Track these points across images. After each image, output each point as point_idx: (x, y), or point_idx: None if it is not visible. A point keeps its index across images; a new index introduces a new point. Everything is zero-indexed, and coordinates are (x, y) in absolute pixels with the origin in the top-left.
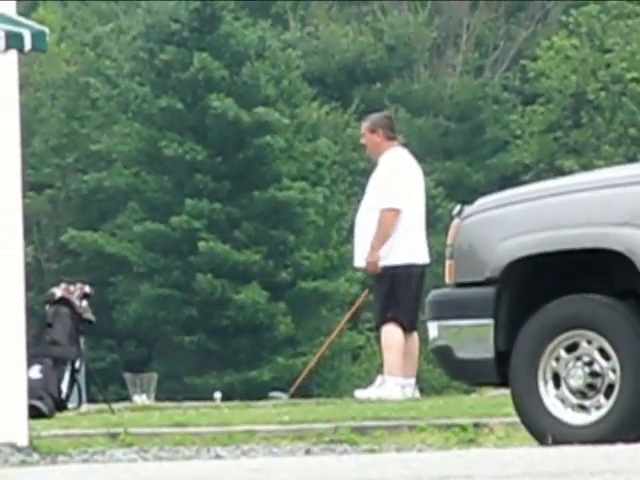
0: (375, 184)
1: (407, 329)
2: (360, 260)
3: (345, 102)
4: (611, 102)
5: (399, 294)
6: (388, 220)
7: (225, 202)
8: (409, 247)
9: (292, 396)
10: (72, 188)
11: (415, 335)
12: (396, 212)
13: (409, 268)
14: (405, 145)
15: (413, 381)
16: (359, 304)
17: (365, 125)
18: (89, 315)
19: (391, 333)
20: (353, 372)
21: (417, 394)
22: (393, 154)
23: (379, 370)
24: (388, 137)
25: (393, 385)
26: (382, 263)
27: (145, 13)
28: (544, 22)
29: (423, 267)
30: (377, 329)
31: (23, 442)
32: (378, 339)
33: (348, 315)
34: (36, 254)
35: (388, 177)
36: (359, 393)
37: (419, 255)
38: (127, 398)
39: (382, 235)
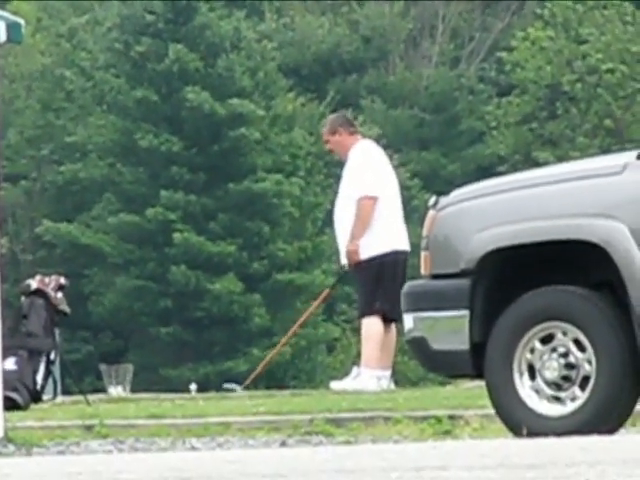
0: (348, 176)
1: (390, 320)
2: (345, 258)
3: (321, 94)
4: (586, 93)
5: (386, 283)
6: (366, 208)
7: (200, 194)
8: (391, 234)
9: (246, 388)
10: (47, 179)
11: (393, 327)
12: (373, 199)
13: (395, 254)
14: (380, 136)
15: (389, 373)
16: (319, 302)
17: (325, 130)
18: (64, 307)
19: (372, 325)
20: (329, 363)
21: (392, 386)
22: (360, 147)
23: (355, 362)
24: (350, 133)
25: (369, 377)
26: (367, 254)
27: (120, 4)
28: (520, 13)
29: (405, 254)
30: (359, 320)
31: None
32: (358, 330)
33: (307, 313)
34: (11, 246)
35: (360, 167)
36: (335, 384)
37: (401, 242)
38: (103, 390)
39: (361, 223)
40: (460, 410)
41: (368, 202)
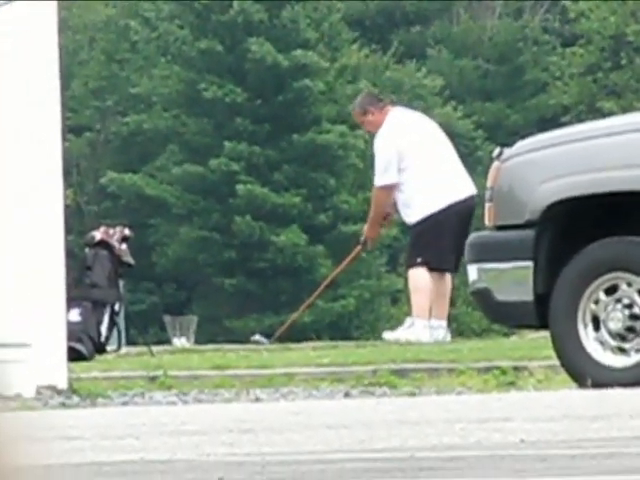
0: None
1: (438, 271)
2: (404, 215)
3: (385, 45)
4: None
5: (429, 239)
6: (378, 198)
7: (264, 145)
8: (443, 189)
9: (274, 342)
10: (112, 131)
11: (448, 277)
12: (386, 188)
13: (453, 207)
14: (443, 87)
15: (444, 323)
16: (350, 258)
17: (356, 113)
18: (128, 258)
19: (418, 276)
20: (392, 314)
21: (448, 337)
22: (387, 122)
23: (408, 312)
24: (380, 108)
25: (422, 327)
26: (421, 215)
27: None
28: None
29: (467, 201)
30: (405, 272)
31: (63, 385)
32: (406, 282)
33: (338, 269)
34: (76, 197)
35: (378, 153)
36: (387, 334)
37: (460, 190)
38: (167, 341)
39: (375, 213)
40: (524, 361)
41: (380, 192)
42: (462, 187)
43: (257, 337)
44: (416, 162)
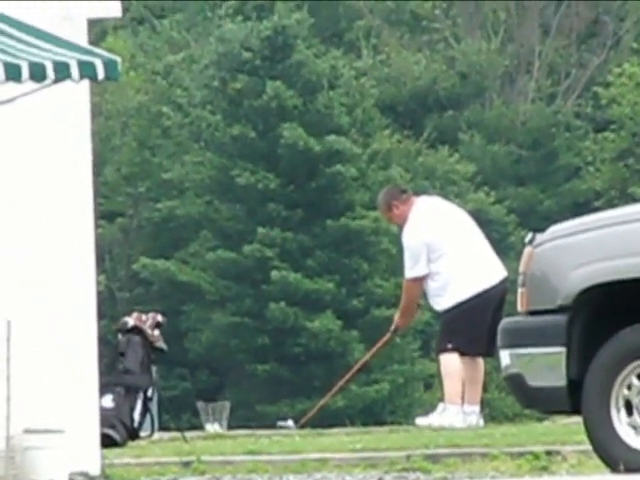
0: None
1: (470, 356)
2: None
3: (417, 130)
4: None
5: (459, 324)
6: (409, 289)
7: (297, 230)
8: (475, 275)
9: (302, 427)
10: (144, 217)
11: (480, 362)
12: (417, 280)
13: (485, 293)
14: (476, 173)
15: (477, 408)
16: (381, 344)
17: (382, 209)
18: (161, 344)
19: (449, 361)
20: (425, 400)
21: (481, 422)
22: (412, 214)
23: (441, 398)
24: (404, 201)
25: (455, 413)
26: (453, 301)
27: (217, 42)
28: (616, 49)
29: (499, 286)
30: (436, 357)
31: (96, 471)
32: (438, 367)
33: (368, 355)
34: (108, 283)
35: (407, 246)
36: (420, 420)
37: (491, 276)
38: (200, 426)
39: (405, 303)
40: (557, 446)
41: (409, 284)
42: (493, 272)
43: (287, 422)
44: (446, 251)
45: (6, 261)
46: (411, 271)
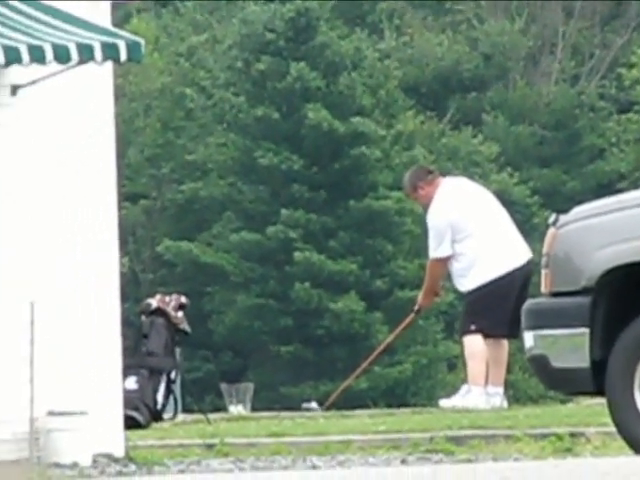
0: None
1: (494, 337)
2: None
3: (440, 111)
4: None
5: (483, 306)
6: (433, 269)
7: (321, 212)
8: (500, 256)
9: (326, 409)
10: (168, 198)
11: (504, 343)
12: (441, 261)
13: (510, 274)
14: (499, 154)
15: (501, 390)
16: (404, 326)
17: (407, 190)
18: (185, 326)
19: (473, 342)
20: (448, 381)
21: (505, 404)
22: (438, 195)
23: (464, 379)
24: (429, 182)
25: (478, 394)
26: (477, 282)
27: (240, 23)
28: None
29: (524, 267)
30: (460, 339)
31: (120, 452)
32: (462, 349)
33: (391, 336)
34: (132, 265)
35: (431, 226)
36: (443, 402)
37: (516, 257)
38: (223, 408)
39: (429, 284)
40: (581, 427)
41: (433, 264)
42: (518, 254)
43: (311, 404)
44: (471, 232)
45: (30, 243)
46: (435, 251)
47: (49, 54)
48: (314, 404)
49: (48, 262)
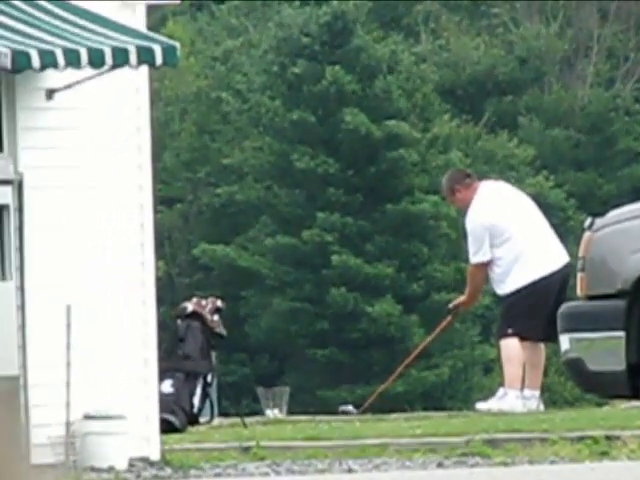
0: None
1: (532, 341)
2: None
3: (476, 115)
4: None
5: (521, 309)
6: (473, 274)
7: (357, 215)
8: (537, 260)
9: (363, 412)
10: (204, 202)
11: (541, 347)
12: (479, 266)
13: (548, 278)
14: (535, 157)
15: (537, 393)
16: (441, 328)
17: (445, 193)
18: (221, 329)
19: (510, 346)
20: (485, 384)
21: (541, 407)
22: (476, 199)
23: (501, 382)
24: (467, 185)
25: (514, 397)
26: (514, 286)
27: (276, 27)
28: None
29: (561, 271)
30: (497, 342)
31: (156, 456)
32: (499, 352)
33: (428, 339)
34: (168, 268)
35: (470, 231)
36: (480, 405)
37: (553, 261)
38: (259, 412)
39: (471, 288)
40: (617, 431)
41: (473, 269)
42: (555, 258)
43: (348, 407)
44: (509, 236)
45: (66, 247)
46: (475, 256)
47: (84, 58)
48: (351, 407)
49: (84, 266)
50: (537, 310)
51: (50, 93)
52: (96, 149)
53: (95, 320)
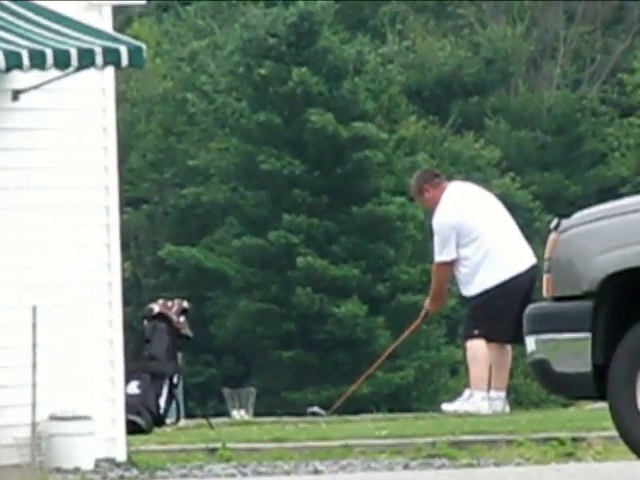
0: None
1: (497, 342)
2: (463, 289)
3: (442, 116)
4: None
5: (487, 311)
6: (438, 273)
7: (323, 217)
8: (504, 262)
9: (332, 414)
10: (170, 203)
11: (507, 348)
12: (444, 265)
13: (514, 280)
14: (501, 158)
15: (503, 394)
16: (410, 331)
17: (413, 192)
18: (187, 330)
19: (476, 347)
20: (451, 386)
21: (507, 408)
22: (444, 199)
23: (466, 383)
24: (436, 185)
25: (480, 398)
26: (481, 288)
27: (242, 28)
28: None
29: (528, 273)
30: (463, 343)
31: (122, 457)
32: (465, 353)
33: (397, 342)
34: (134, 269)
35: (437, 230)
36: (446, 406)
37: (520, 263)
38: (225, 413)
39: (435, 288)
40: (583, 432)
41: (441, 268)
42: (522, 260)
43: (314, 409)
44: (476, 237)
45: (31, 248)
46: (440, 255)
47: (50, 59)
48: (319, 409)
49: (50, 266)
50: (504, 312)
51: (16, 94)
52: (62, 150)
53: (61, 321)
